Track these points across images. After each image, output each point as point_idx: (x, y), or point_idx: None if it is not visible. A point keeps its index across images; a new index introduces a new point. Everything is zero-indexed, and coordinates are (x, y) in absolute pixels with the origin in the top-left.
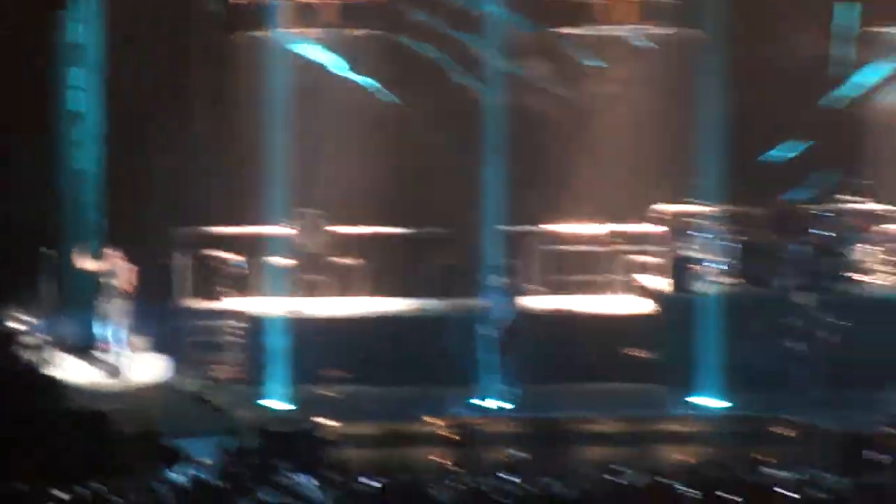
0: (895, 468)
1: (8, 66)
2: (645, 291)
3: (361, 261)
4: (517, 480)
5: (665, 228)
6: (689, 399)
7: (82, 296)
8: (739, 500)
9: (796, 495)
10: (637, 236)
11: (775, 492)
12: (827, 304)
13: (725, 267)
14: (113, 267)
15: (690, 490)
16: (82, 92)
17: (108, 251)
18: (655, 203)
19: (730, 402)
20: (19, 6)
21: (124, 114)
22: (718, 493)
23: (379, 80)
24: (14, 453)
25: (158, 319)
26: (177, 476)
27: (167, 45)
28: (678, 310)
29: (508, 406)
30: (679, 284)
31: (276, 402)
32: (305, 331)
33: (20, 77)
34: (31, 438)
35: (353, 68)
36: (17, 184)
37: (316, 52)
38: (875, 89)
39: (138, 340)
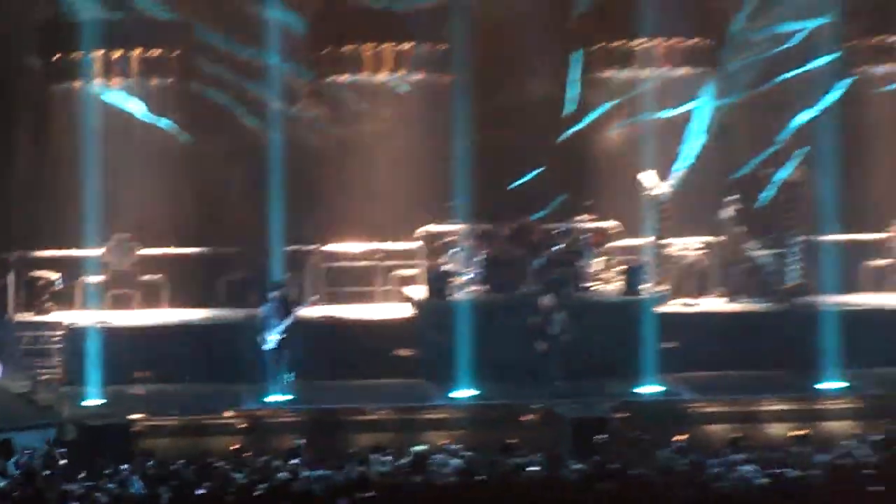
0: (620, 447)
1: None
2: (408, 299)
3: (164, 277)
4: (298, 462)
5: (422, 245)
6: (447, 391)
7: None
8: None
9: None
10: (402, 252)
11: (520, 470)
12: (563, 307)
13: (475, 277)
14: None
15: (446, 469)
16: None
17: None
18: (418, 224)
19: (481, 392)
20: None
21: None
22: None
23: (177, 123)
24: None
25: None
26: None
27: None
28: (434, 314)
29: (290, 400)
30: (434, 292)
31: (93, 400)
32: (116, 338)
33: None
34: None
35: (154, 112)
36: None
37: (122, 99)
38: (599, 125)
39: None
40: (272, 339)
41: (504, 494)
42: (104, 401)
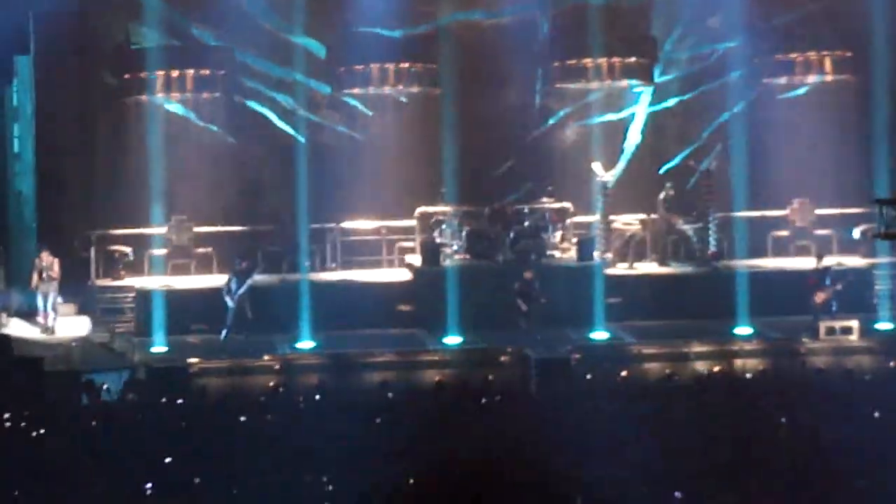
0: (578, 381)
1: None
2: (408, 266)
3: (214, 249)
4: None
5: (419, 222)
6: (439, 338)
7: (25, 279)
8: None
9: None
10: (403, 228)
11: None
12: (532, 270)
13: (460, 247)
14: (44, 258)
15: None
16: (20, 139)
17: (41, 248)
18: (415, 206)
19: (465, 339)
20: None
21: (49, 153)
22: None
23: (223, 127)
24: None
25: (78, 293)
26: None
27: (79, 105)
28: (429, 278)
29: (315, 346)
30: (428, 260)
31: (158, 348)
32: (176, 298)
33: None
34: None
35: (205, 120)
36: None
37: (179, 109)
38: (558, 127)
39: (65, 308)
40: (232, 300)
41: None
42: (167, 348)
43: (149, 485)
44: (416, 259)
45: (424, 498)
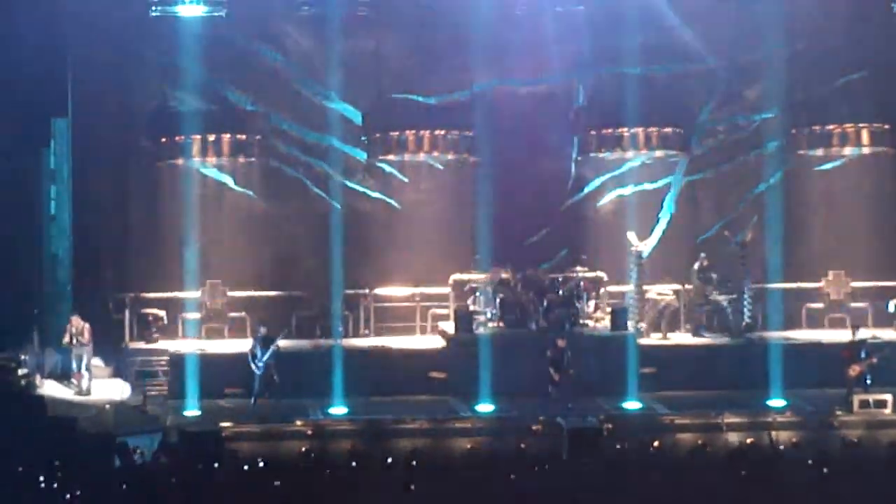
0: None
1: (12, 185)
2: (441, 333)
3: (248, 313)
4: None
5: (452, 290)
6: (471, 406)
7: (60, 342)
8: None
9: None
10: (436, 295)
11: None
12: (565, 339)
13: (493, 315)
14: (75, 323)
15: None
16: (57, 201)
17: (73, 312)
18: (449, 273)
19: (498, 407)
20: (20, 144)
21: (85, 216)
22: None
23: (258, 192)
24: (10, 449)
25: (112, 356)
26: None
27: (115, 168)
28: (462, 345)
29: (347, 412)
30: (461, 328)
31: (191, 411)
32: (210, 362)
33: (20, 192)
34: (24, 437)
35: (240, 184)
36: (15, 265)
37: (215, 173)
38: (593, 195)
39: (99, 370)
40: (257, 366)
41: None
42: (200, 412)
43: None
44: (449, 326)
45: None
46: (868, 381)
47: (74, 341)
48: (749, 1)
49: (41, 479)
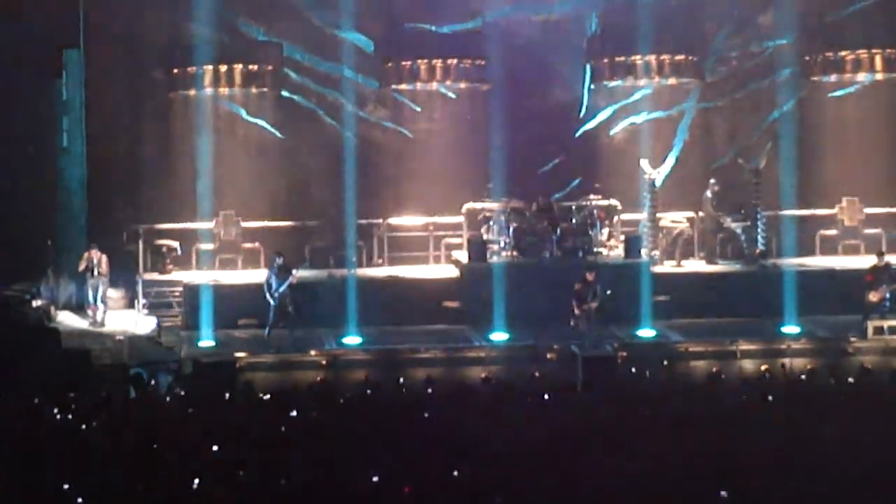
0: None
1: (24, 117)
2: (455, 262)
3: (261, 244)
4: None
5: (465, 219)
6: (485, 334)
7: (75, 272)
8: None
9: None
10: (450, 225)
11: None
12: (595, 272)
13: (507, 244)
14: (94, 255)
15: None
16: (69, 133)
17: (91, 245)
18: (463, 202)
19: (512, 335)
20: (31, 76)
21: (98, 147)
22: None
23: (271, 122)
24: (25, 380)
25: (127, 287)
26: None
27: (128, 100)
28: (475, 275)
29: (361, 341)
30: (474, 257)
31: (206, 342)
32: (224, 293)
33: (32, 124)
34: (39, 369)
35: (253, 114)
36: (28, 197)
37: (227, 104)
38: (606, 124)
39: (114, 302)
40: (273, 297)
41: None
42: (214, 343)
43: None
44: (462, 256)
45: (470, 491)
46: (888, 306)
47: (95, 272)
48: None
49: (56, 410)
